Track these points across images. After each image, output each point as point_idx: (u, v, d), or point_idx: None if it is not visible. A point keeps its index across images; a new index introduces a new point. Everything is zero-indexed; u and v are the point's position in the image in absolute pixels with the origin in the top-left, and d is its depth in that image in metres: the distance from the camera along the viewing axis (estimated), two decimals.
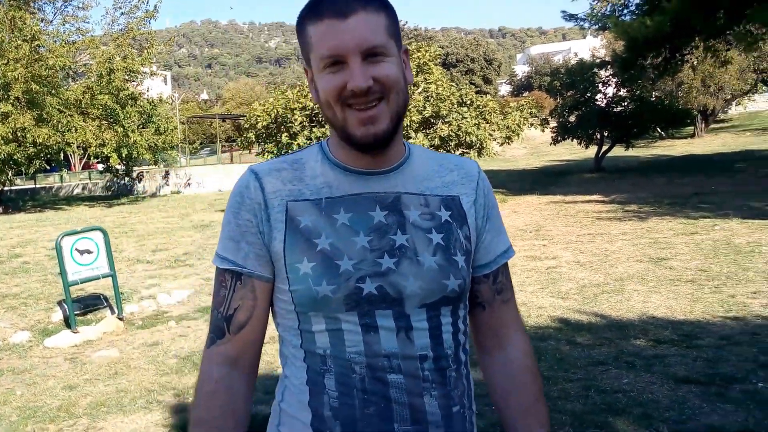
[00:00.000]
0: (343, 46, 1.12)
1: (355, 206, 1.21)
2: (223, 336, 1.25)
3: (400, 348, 1.18)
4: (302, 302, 1.19)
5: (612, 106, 23.38)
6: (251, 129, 17.22)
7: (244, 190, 1.23)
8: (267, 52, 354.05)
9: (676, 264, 7.59)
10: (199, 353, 5.61)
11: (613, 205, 13.80)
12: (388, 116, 1.17)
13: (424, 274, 1.19)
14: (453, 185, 1.29)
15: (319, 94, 1.20)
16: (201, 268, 9.48)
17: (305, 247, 1.18)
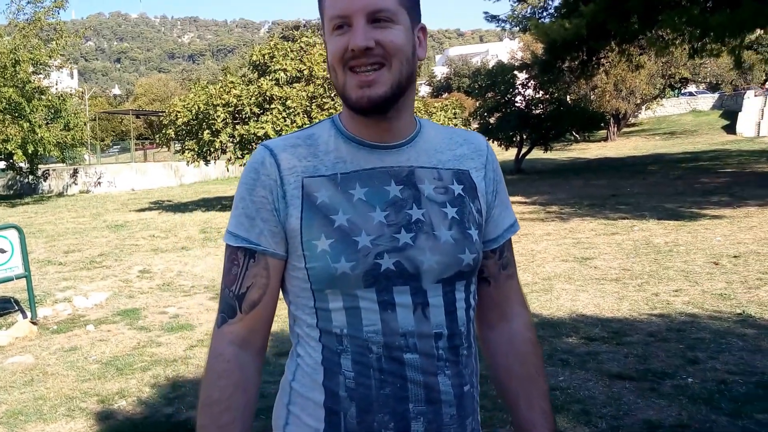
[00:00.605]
0: (349, 7, 1.12)
1: (370, 181, 1.19)
2: (234, 315, 1.22)
3: (417, 326, 1.16)
4: (320, 279, 1.16)
5: (531, 109, 23.94)
6: (170, 125, 16.65)
7: (259, 166, 1.20)
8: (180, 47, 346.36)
9: (600, 263, 7.77)
10: (123, 357, 5.33)
11: (535, 206, 14.06)
12: (388, 82, 1.14)
13: (440, 249, 1.18)
14: (463, 159, 1.29)
15: (328, 58, 1.19)
16: (119, 270, 9.06)
17: (323, 224, 1.16)
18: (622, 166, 23.37)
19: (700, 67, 40.07)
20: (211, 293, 7.46)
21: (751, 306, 5.66)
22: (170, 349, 5.49)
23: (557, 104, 24.03)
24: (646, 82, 35.01)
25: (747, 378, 4.16)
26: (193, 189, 25.77)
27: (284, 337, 4.89)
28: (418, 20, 1.19)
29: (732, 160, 22.37)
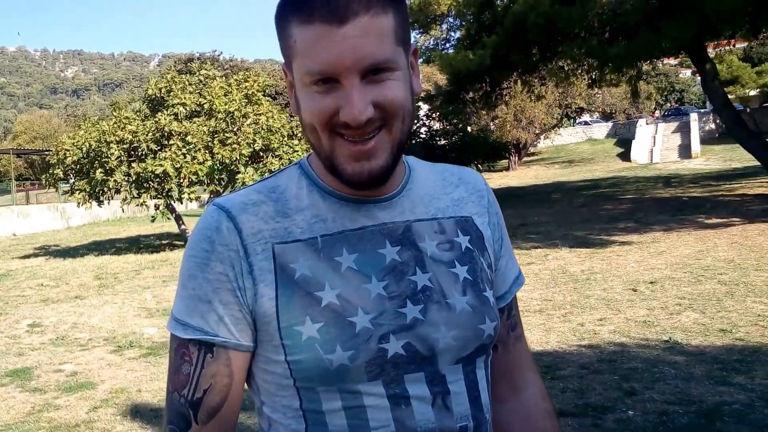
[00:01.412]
0: (337, 62, 0.85)
1: (360, 244, 0.95)
2: (188, 427, 0.93)
3: (438, 421, 0.92)
4: (308, 375, 0.90)
5: (436, 140, 24.20)
6: (58, 165, 15.68)
7: (213, 234, 0.93)
8: (63, 81, 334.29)
9: (522, 295, 7.64)
10: (16, 425, 4.69)
11: None
12: (388, 149, 0.91)
13: (457, 320, 0.95)
14: (462, 203, 1.06)
15: (300, 110, 0.92)
16: (4, 325, 8.23)
17: (306, 303, 0.90)
18: (526, 195, 23.88)
19: (594, 97, 41.94)
20: (112, 345, 6.83)
21: (675, 332, 5.63)
22: (71, 413, 4.89)
23: (462, 135, 24.41)
24: (545, 112, 36.25)
25: (686, 407, 4.05)
26: (83, 232, 24.47)
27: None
28: (409, 45, 0.94)
29: (630, 187, 23.28)
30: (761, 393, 4.16)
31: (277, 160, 16.29)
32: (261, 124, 16.50)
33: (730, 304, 6.42)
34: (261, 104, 17.19)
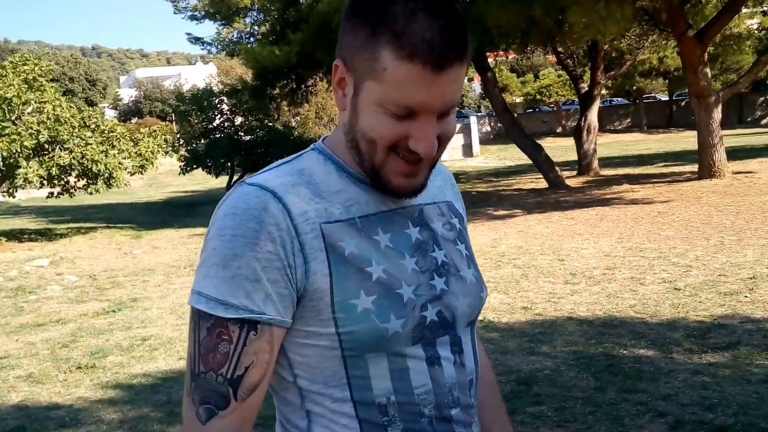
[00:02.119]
0: (429, 104, 0.95)
1: (390, 225, 1.06)
2: (227, 405, 0.96)
3: (458, 377, 1.08)
4: (363, 343, 0.99)
5: (240, 135, 23.90)
6: None
7: (261, 213, 0.96)
8: None
9: None
10: None
11: None
12: (426, 170, 1.04)
13: (468, 290, 1.11)
14: (443, 190, 1.21)
15: (359, 117, 0.99)
16: None
17: (359, 278, 0.99)
18: None
19: None
20: None
21: (487, 312, 6.38)
22: None
23: (268, 130, 24.39)
24: None
25: (507, 377, 4.69)
26: None
27: None
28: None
29: None
30: (564, 359, 4.96)
31: (68, 153, 15.19)
32: (47, 113, 15.24)
33: (527, 285, 7.39)
34: (45, 91, 15.83)
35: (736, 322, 5.45)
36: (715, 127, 14.99)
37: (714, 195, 13.28)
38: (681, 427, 3.65)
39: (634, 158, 25.46)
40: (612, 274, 7.61)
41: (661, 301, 6.28)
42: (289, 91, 19.72)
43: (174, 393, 4.84)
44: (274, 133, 24.46)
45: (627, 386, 4.29)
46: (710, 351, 4.85)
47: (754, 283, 6.61)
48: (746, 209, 11.37)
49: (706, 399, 3.99)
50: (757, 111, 47.88)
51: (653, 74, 40.98)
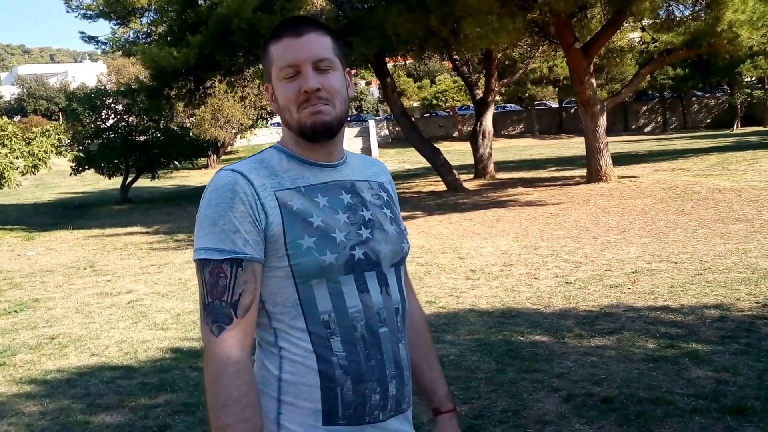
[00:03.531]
0: (298, 57, 1.40)
1: (327, 191, 1.45)
2: (231, 321, 1.34)
3: (384, 303, 1.44)
4: (307, 271, 1.36)
5: (135, 135, 23.25)
6: None
7: (234, 186, 1.37)
8: None
9: None
10: None
11: (160, 235, 13.92)
12: (332, 114, 1.43)
13: (390, 240, 1.48)
14: (377, 175, 1.60)
15: (278, 101, 1.45)
16: None
17: (303, 225, 1.38)
18: None
19: None
20: None
21: None
22: None
23: (164, 131, 23.85)
24: (242, 112, 36.88)
25: None
26: None
27: None
28: (345, 66, 1.50)
29: None
30: (467, 346, 5.28)
31: None
32: None
33: (430, 281, 7.74)
34: None
35: (620, 311, 5.96)
36: (601, 134, 15.99)
37: (601, 198, 14.19)
38: (573, 400, 4.03)
39: (528, 162, 26.64)
40: (509, 270, 8.08)
41: (554, 294, 6.76)
42: (187, 93, 19.43)
43: (92, 387, 4.84)
44: (170, 134, 23.96)
45: (525, 367, 4.66)
46: (598, 335, 5.31)
47: (636, 276, 7.22)
48: (630, 211, 12.25)
49: (595, 375, 4.41)
50: (641, 119, 51.03)
51: (544, 82, 42.91)
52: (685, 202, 12.75)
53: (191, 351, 5.67)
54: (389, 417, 1.44)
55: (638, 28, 18.41)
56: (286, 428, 1.38)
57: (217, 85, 20.30)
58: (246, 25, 15.71)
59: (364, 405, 1.40)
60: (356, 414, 1.39)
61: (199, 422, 4.08)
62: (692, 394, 4.00)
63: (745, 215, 10.83)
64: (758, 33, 13.91)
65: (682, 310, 5.81)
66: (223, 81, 19.25)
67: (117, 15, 19.24)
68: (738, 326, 5.24)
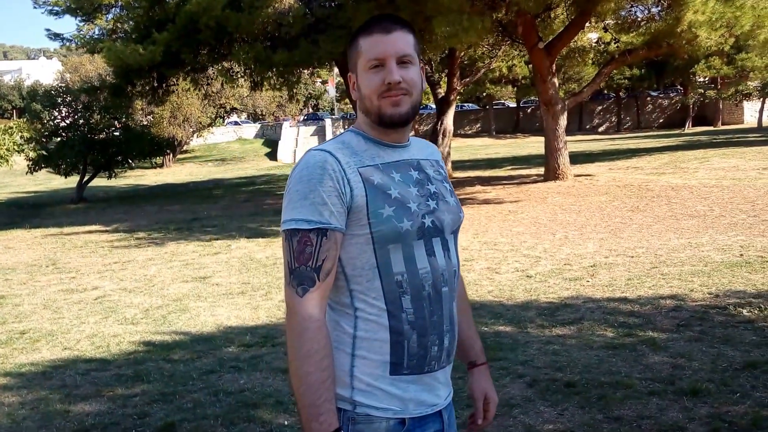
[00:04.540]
0: (385, 52, 1.58)
1: (399, 168, 1.63)
2: (314, 284, 1.51)
3: (446, 265, 1.63)
4: (387, 237, 1.54)
5: (94, 134, 22.91)
6: None
7: (324, 164, 1.54)
8: None
9: (220, 280, 8.25)
10: None
11: (120, 233, 13.80)
12: (409, 105, 1.61)
13: (451, 210, 1.68)
14: (433, 154, 1.80)
15: (361, 90, 1.62)
16: None
17: (383, 197, 1.56)
18: (188, 192, 24.13)
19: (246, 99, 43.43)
20: None
21: None
22: None
23: (125, 130, 23.55)
24: (200, 110, 36.58)
25: None
26: None
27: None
28: (420, 61, 1.66)
29: (282, 184, 24.91)
30: None
31: None
32: None
33: None
34: None
35: (579, 302, 6.19)
36: (561, 133, 16.34)
37: (558, 195, 14.52)
38: (537, 385, 4.22)
39: (485, 161, 27.03)
40: (471, 265, 8.27)
41: (515, 287, 6.97)
42: (150, 90, 19.26)
43: (68, 378, 4.88)
44: (130, 132, 23.69)
45: (490, 355, 4.80)
46: (559, 325, 5.52)
47: (594, 270, 7.48)
48: (587, 208, 12.58)
49: (557, 362, 4.61)
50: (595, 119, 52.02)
51: (503, 81, 43.39)
52: (639, 199, 13.14)
53: (163, 344, 5.72)
54: (441, 367, 1.63)
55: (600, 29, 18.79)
56: (358, 378, 1.56)
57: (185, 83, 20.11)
58: (214, 23, 15.66)
59: (425, 356, 1.58)
60: (418, 364, 1.58)
61: (177, 410, 4.17)
62: (650, 378, 4.22)
63: (697, 211, 11.22)
64: (716, 33, 14.28)
65: (639, 301, 6.07)
66: (186, 78, 19.08)
67: (83, 11, 18.93)
68: (692, 315, 5.50)
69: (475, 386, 1.85)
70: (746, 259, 7.34)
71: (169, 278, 8.60)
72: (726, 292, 6.13)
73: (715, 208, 11.42)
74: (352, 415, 1.55)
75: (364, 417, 1.55)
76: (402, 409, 1.57)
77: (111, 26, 19.23)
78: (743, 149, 21.89)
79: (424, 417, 1.61)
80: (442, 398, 1.66)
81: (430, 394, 1.62)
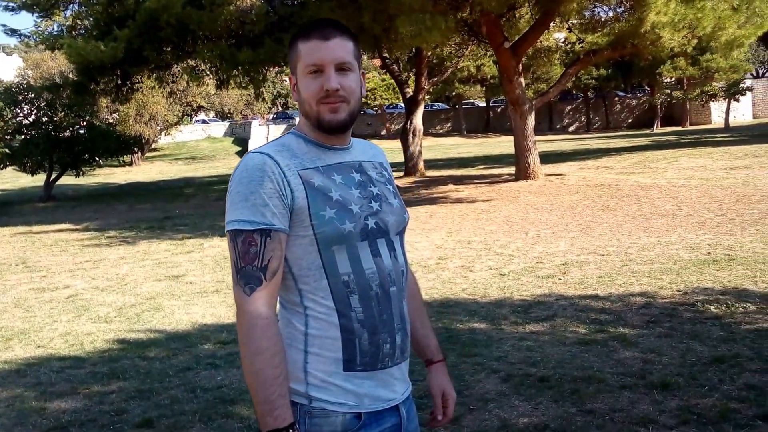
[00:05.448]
0: (324, 58, 1.60)
1: (340, 170, 1.66)
2: (261, 283, 1.53)
3: (393, 266, 1.66)
4: (330, 239, 1.57)
5: (60, 132, 22.56)
6: None
7: (263, 166, 1.56)
8: None
9: (194, 279, 8.21)
10: None
11: (91, 232, 13.65)
12: (347, 112, 1.64)
13: (395, 212, 1.71)
14: (377, 156, 1.82)
15: (300, 93, 1.65)
16: None
17: (324, 199, 1.58)
18: (159, 190, 23.91)
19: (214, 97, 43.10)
20: None
21: None
22: None
23: (88, 127, 23.21)
24: (167, 108, 36.21)
25: None
26: None
27: None
28: (360, 67, 1.69)
29: None
30: None
31: None
32: None
33: None
34: None
35: (552, 299, 6.29)
36: (530, 133, 16.50)
37: (530, 194, 14.68)
38: (512, 380, 4.29)
39: (456, 160, 27.19)
40: (444, 263, 8.35)
41: (489, 285, 7.05)
42: (114, 88, 19.02)
43: (42, 376, 4.85)
44: (96, 130, 23.38)
45: (465, 352, 4.90)
46: (532, 322, 5.61)
47: (566, 268, 7.60)
48: (558, 207, 12.74)
49: (531, 358, 4.69)
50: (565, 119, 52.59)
51: (472, 81, 43.65)
52: (609, 198, 13.35)
53: (138, 342, 5.70)
54: (396, 364, 1.66)
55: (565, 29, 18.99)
56: (312, 374, 1.59)
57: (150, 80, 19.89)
58: (175, 21, 15.51)
59: (377, 353, 1.62)
60: (371, 361, 1.61)
61: (154, 407, 4.17)
62: (621, 372, 4.32)
63: (666, 211, 11.44)
64: (679, 35, 14.50)
65: (610, 298, 6.19)
66: (151, 76, 18.87)
67: (40, 7, 18.64)
68: (662, 312, 5.62)
69: (433, 383, 1.89)
70: (714, 257, 7.51)
71: (142, 277, 8.54)
72: (694, 289, 6.27)
73: (683, 207, 11.66)
74: (308, 409, 1.58)
75: (320, 411, 1.58)
76: (357, 404, 1.60)
77: (70, 22, 18.93)
78: (711, 149, 22.31)
79: (380, 411, 1.64)
80: (399, 393, 1.69)
81: (385, 390, 1.65)
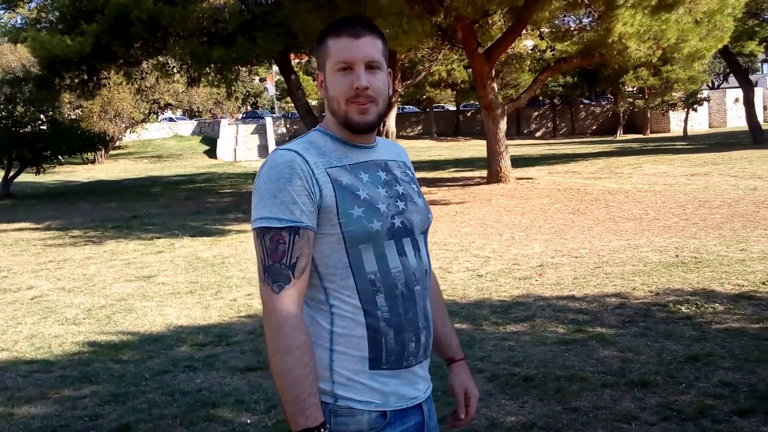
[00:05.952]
0: (355, 56, 1.58)
1: (367, 169, 1.65)
2: (289, 281, 1.52)
3: (418, 265, 1.65)
4: (357, 237, 1.55)
5: (21, 127, 21.97)
6: None
7: (292, 163, 1.55)
8: None
9: (166, 279, 8.06)
10: None
11: (53, 231, 13.31)
12: (375, 112, 1.63)
13: (420, 211, 1.70)
14: (400, 155, 1.81)
15: (329, 91, 1.63)
16: None
17: (353, 198, 1.57)
18: (124, 189, 23.50)
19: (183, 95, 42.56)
20: None
21: None
22: None
23: (50, 123, 22.69)
24: (132, 105, 35.66)
25: None
26: None
27: None
28: (387, 66, 1.67)
29: (224, 182, 24.67)
30: None
31: None
32: None
33: None
34: None
35: (530, 300, 6.31)
36: (502, 137, 16.63)
37: (502, 197, 14.77)
38: (497, 379, 4.29)
39: (428, 163, 27.24)
40: None
41: (467, 286, 7.05)
42: (80, 83, 18.65)
43: (8, 381, 4.69)
44: (58, 126, 22.85)
45: None
46: (512, 323, 5.61)
47: (542, 269, 7.64)
48: (530, 210, 12.84)
49: (513, 357, 4.69)
50: (533, 124, 53.12)
51: (442, 85, 43.86)
52: (579, 202, 13.50)
53: (110, 344, 5.56)
54: (419, 362, 1.66)
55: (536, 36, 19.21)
56: (337, 372, 1.57)
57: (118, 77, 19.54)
58: (146, 17, 15.27)
59: (402, 352, 1.61)
60: (397, 360, 1.60)
61: (131, 411, 4.05)
62: (602, 371, 4.35)
63: (634, 214, 11.61)
64: (645, 45, 14.82)
65: (586, 299, 6.23)
66: (119, 72, 18.54)
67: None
68: (636, 312, 5.69)
69: (455, 381, 1.87)
70: (681, 260, 7.63)
71: (111, 277, 8.35)
72: (665, 290, 6.37)
73: (649, 211, 11.84)
74: (334, 408, 1.57)
75: (346, 410, 1.57)
76: (383, 402, 1.59)
77: (34, 15, 18.51)
78: (671, 156, 22.81)
79: (404, 410, 1.63)
80: (422, 391, 1.69)
81: (410, 388, 1.64)
